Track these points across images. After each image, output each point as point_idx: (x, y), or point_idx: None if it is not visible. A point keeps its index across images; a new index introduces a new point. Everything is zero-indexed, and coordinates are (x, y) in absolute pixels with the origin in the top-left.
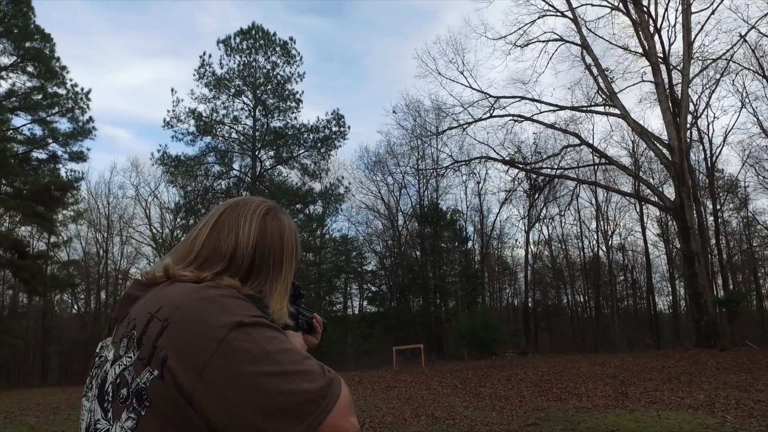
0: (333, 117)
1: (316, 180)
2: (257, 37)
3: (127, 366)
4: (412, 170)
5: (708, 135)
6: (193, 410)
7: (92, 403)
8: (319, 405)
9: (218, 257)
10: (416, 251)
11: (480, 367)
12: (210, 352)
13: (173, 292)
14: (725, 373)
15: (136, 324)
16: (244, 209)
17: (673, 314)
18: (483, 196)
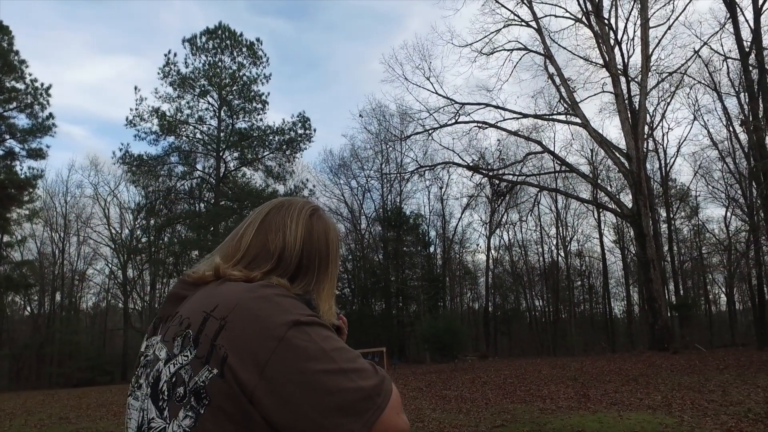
0: (299, 119)
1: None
2: (223, 37)
3: (183, 365)
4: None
5: (663, 146)
6: (254, 408)
7: (144, 401)
8: (375, 402)
9: (266, 257)
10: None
11: (443, 370)
12: (270, 350)
13: (227, 291)
14: (679, 375)
15: (190, 323)
16: (289, 209)
17: (627, 319)
18: (445, 201)
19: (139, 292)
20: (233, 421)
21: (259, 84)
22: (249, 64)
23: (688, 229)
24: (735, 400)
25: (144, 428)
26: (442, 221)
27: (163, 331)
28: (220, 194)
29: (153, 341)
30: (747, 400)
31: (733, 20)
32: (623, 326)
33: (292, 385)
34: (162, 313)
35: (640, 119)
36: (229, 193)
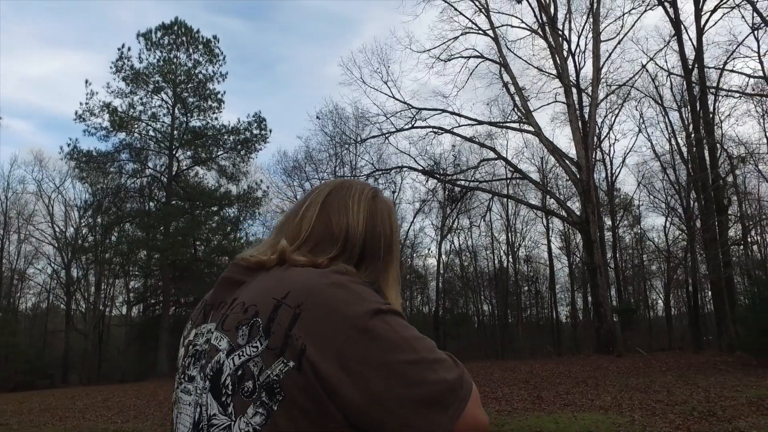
0: (255, 120)
1: (233, 183)
2: (179, 33)
3: (252, 357)
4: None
5: (609, 156)
6: (333, 403)
7: (202, 396)
8: (458, 395)
9: (330, 241)
10: None
11: None
12: (353, 341)
13: (298, 277)
14: (625, 376)
15: (258, 310)
16: (350, 190)
17: (572, 323)
18: (398, 205)
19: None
20: (308, 418)
21: (215, 82)
22: (205, 62)
23: (630, 237)
24: (679, 399)
25: (203, 425)
26: None
27: (216, 318)
28: (171, 193)
29: (203, 329)
30: (690, 399)
31: (678, 38)
32: (568, 331)
33: (376, 378)
34: (213, 299)
35: (590, 130)
36: (181, 192)
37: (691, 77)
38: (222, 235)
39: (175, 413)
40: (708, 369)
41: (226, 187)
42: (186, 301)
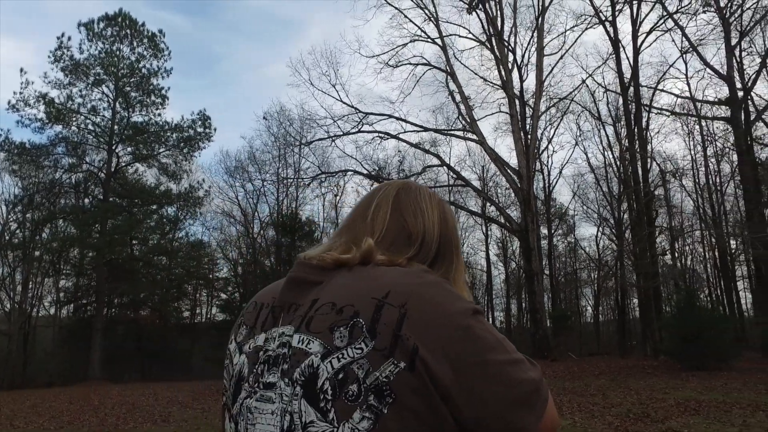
0: (199, 117)
1: (175, 181)
2: (123, 25)
3: (356, 359)
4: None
5: (547, 166)
6: (444, 404)
7: (291, 403)
8: (542, 394)
9: (406, 241)
10: (271, 260)
11: None
12: (458, 340)
13: (393, 276)
14: (562, 380)
15: (358, 311)
16: (420, 192)
17: (507, 329)
18: (340, 209)
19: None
20: (419, 420)
21: (159, 77)
22: (150, 56)
23: (563, 246)
24: (615, 402)
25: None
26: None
27: (291, 320)
28: (109, 190)
29: (273, 333)
30: (625, 401)
31: (616, 57)
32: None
33: (479, 378)
34: (282, 300)
35: (532, 140)
36: (119, 189)
37: (627, 94)
38: (160, 235)
39: (242, 425)
40: (637, 373)
41: (166, 186)
42: (121, 301)
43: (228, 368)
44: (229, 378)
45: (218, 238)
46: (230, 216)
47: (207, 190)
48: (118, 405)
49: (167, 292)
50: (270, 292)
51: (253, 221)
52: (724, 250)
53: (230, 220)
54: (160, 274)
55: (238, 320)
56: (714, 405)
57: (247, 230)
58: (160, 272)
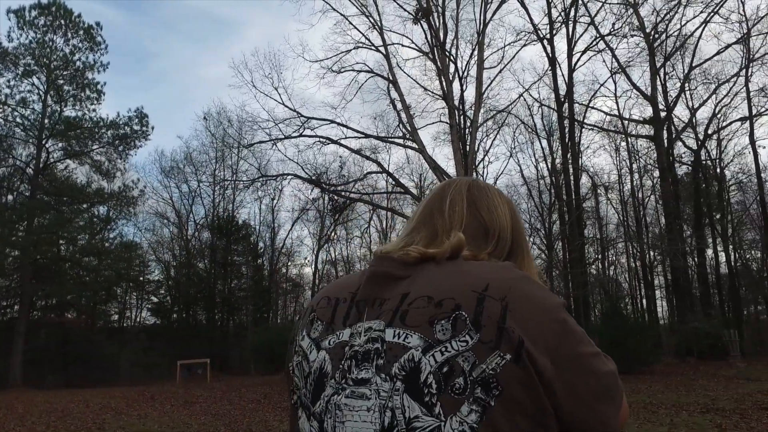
0: (136, 115)
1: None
2: (57, 15)
3: (461, 351)
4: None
5: (483, 177)
6: (546, 396)
7: (395, 398)
8: (619, 385)
9: (484, 237)
10: (205, 262)
11: (273, 382)
12: (556, 333)
13: (487, 270)
14: None
15: (459, 304)
16: (489, 189)
17: None
18: (277, 213)
19: None
20: (524, 412)
21: (95, 72)
22: (85, 49)
23: None
24: None
25: (398, 430)
26: (272, 233)
27: (378, 315)
28: (37, 186)
29: (359, 328)
30: None
31: (552, 74)
32: None
33: (573, 370)
34: (366, 294)
35: (470, 151)
36: (48, 186)
37: (562, 110)
38: (90, 235)
39: (328, 423)
40: None
41: (98, 184)
42: (45, 303)
43: (300, 365)
44: (303, 375)
45: (151, 240)
46: (164, 217)
47: (142, 190)
48: (45, 413)
49: (95, 295)
50: (344, 286)
51: (187, 223)
52: (645, 261)
53: (164, 221)
54: (89, 276)
55: (308, 316)
56: (642, 406)
57: (181, 232)
58: (88, 273)
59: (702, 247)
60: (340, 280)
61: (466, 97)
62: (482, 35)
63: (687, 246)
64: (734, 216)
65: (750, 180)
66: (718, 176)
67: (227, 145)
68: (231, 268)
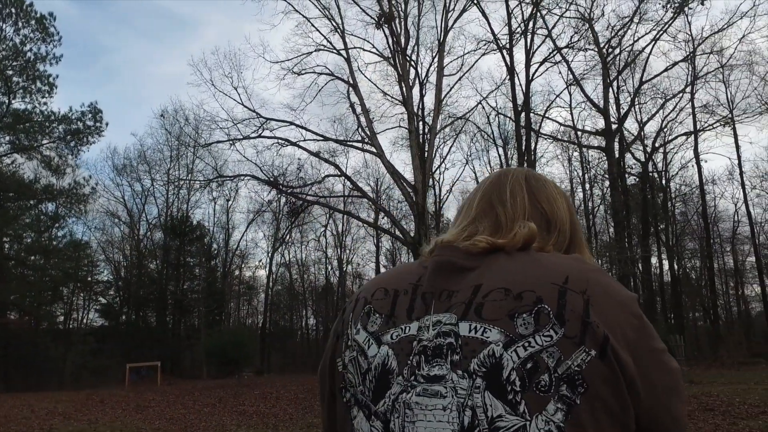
0: (89, 110)
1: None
2: (7, 2)
3: (545, 347)
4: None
5: (439, 183)
6: (629, 393)
7: (475, 396)
8: (682, 380)
9: (546, 228)
10: (157, 263)
11: (227, 385)
12: (635, 328)
13: (563, 262)
14: None
15: (540, 297)
16: (547, 181)
17: None
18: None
19: None
20: (607, 410)
21: (47, 64)
22: (37, 40)
23: None
24: None
25: (479, 430)
26: (225, 234)
27: (443, 307)
28: None
29: (426, 322)
30: None
31: (511, 83)
32: None
33: (651, 366)
34: (432, 286)
35: (429, 156)
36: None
37: (520, 119)
38: (37, 232)
39: (396, 423)
40: None
41: (47, 180)
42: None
43: (355, 361)
44: (359, 372)
45: (100, 239)
46: (115, 216)
47: (93, 188)
48: None
49: (41, 295)
50: (401, 277)
51: (139, 222)
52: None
53: (115, 220)
54: (34, 275)
55: (362, 308)
56: None
57: (133, 232)
58: (34, 273)
59: (647, 256)
60: (394, 270)
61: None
62: (443, 42)
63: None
64: (677, 226)
65: (692, 192)
66: (664, 188)
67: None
68: (184, 269)
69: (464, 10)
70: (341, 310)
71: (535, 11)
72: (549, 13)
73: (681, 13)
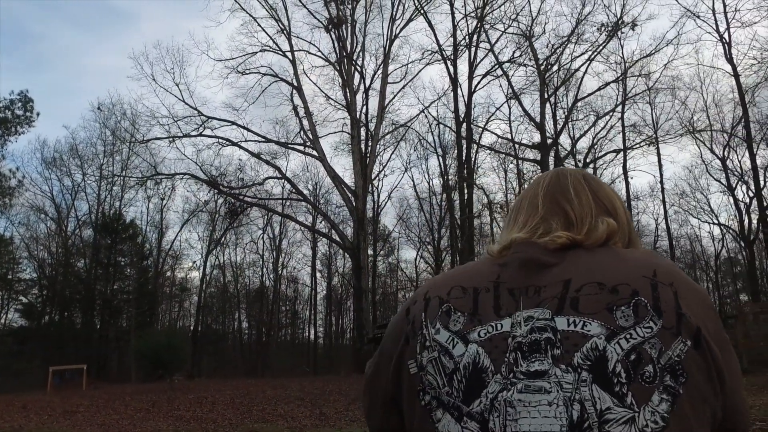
0: (19, 99)
1: None
2: None
3: (647, 338)
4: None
5: (378, 189)
6: (719, 383)
7: (582, 390)
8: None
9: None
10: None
11: (158, 389)
12: (713, 320)
13: (644, 256)
14: None
15: (636, 289)
16: (602, 182)
17: (329, 343)
18: (165, 213)
19: None
20: (705, 400)
21: None
22: None
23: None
24: None
25: (590, 423)
26: (159, 233)
27: (533, 303)
28: None
29: (518, 318)
30: None
31: (454, 94)
32: (323, 350)
33: (728, 357)
34: (518, 282)
35: (370, 162)
36: None
37: (460, 130)
38: None
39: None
40: None
41: None
42: None
43: (437, 362)
44: (443, 372)
45: (24, 235)
46: (41, 211)
47: (20, 181)
48: None
49: None
50: (476, 275)
51: (67, 219)
52: None
53: (41, 216)
54: None
55: (438, 307)
56: None
57: (60, 228)
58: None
59: None
60: (463, 269)
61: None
62: (389, 50)
63: None
64: None
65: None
66: None
67: (120, 138)
68: (114, 268)
69: (411, 20)
70: (403, 312)
71: (480, 25)
72: (492, 28)
73: (614, 36)
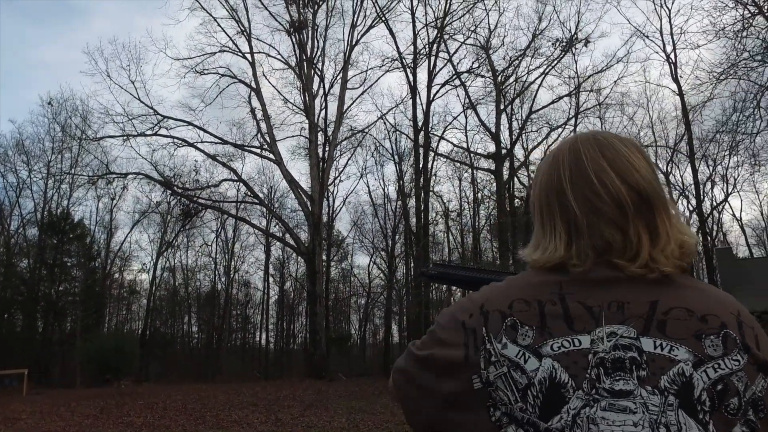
0: None
1: None
2: None
3: (735, 371)
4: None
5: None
6: None
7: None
8: None
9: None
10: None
11: (106, 395)
12: None
13: (722, 294)
14: (347, 400)
15: (724, 322)
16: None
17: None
18: (115, 213)
19: None
20: None
21: None
22: None
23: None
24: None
25: None
26: (107, 234)
27: (616, 320)
28: None
29: (599, 334)
30: None
31: (412, 102)
32: (274, 355)
33: None
34: (597, 299)
35: (327, 167)
36: None
37: (418, 137)
38: None
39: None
40: None
41: None
42: None
43: (507, 377)
44: (515, 388)
45: None
46: None
47: None
48: None
49: None
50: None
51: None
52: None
53: None
54: None
55: (502, 321)
56: None
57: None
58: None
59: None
60: (518, 281)
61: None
62: (349, 56)
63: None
64: None
65: None
66: None
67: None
68: (60, 269)
69: (372, 26)
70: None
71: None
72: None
73: (568, 51)
